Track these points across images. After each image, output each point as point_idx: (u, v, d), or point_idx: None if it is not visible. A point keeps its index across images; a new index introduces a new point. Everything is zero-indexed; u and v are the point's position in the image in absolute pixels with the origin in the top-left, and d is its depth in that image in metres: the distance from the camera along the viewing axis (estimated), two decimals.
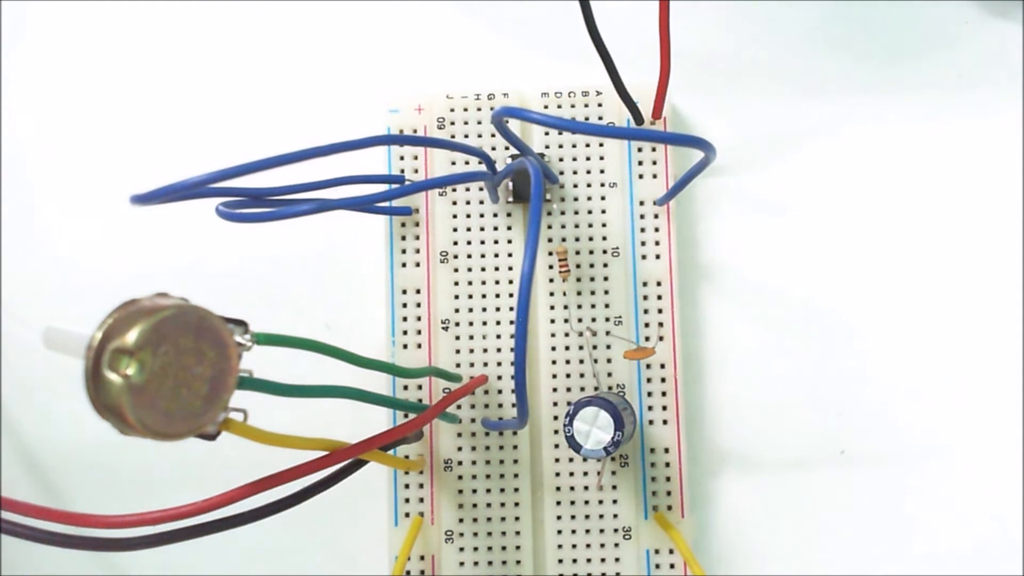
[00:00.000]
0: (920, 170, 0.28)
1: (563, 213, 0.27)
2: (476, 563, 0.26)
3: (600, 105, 0.27)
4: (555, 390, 0.27)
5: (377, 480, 0.26)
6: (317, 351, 0.20)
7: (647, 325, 0.27)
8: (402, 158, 0.28)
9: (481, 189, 0.27)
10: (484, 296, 0.27)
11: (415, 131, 0.28)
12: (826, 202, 0.28)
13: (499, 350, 0.27)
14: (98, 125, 0.30)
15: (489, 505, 0.26)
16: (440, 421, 0.26)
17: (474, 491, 0.26)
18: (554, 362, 0.27)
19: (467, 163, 0.27)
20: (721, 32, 0.29)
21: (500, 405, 0.27)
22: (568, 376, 0.27)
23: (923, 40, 0.28)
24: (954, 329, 0.27)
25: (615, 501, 0.26)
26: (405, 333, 0.27)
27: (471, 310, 0.27)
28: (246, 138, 0.29)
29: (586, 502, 0.26)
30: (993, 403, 0.27)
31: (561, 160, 0.27)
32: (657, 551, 0.26)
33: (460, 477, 0.26)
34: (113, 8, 0.30)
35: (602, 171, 0.27)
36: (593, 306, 0.27)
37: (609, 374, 0.26)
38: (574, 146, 0.27)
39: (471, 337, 0.27)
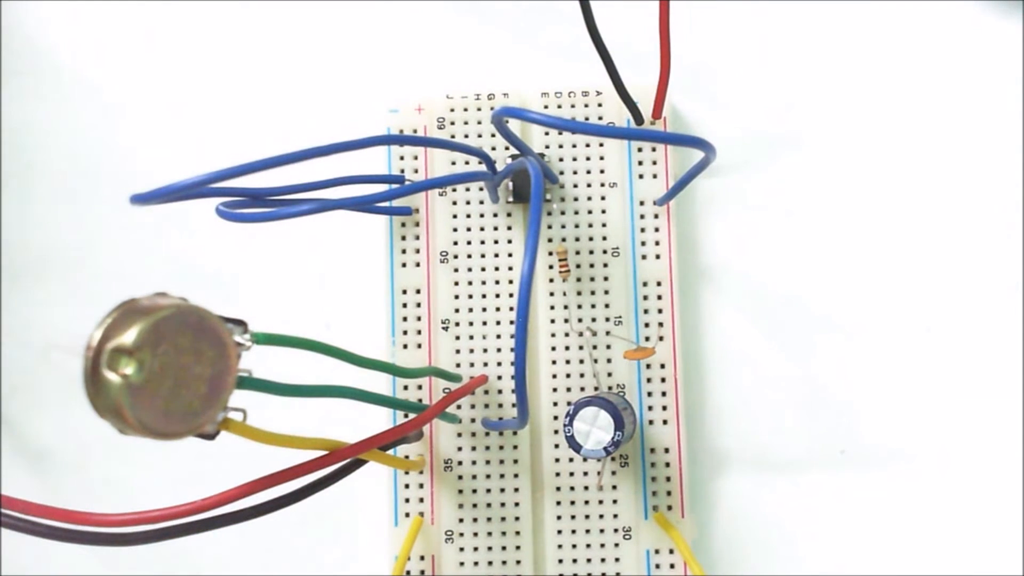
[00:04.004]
0: (920, 170, 0.28)
1: (563, 213, 0.27)
2: (476, 563, 0.26)
3: (600, 105, 0.27)
4: (555, 390, 0.27)
5: (377, 480, 0.26)
6: (317, 351, 0.20)
7: (647, 325, 0.27)
8: (402, 158, 0.28)
9: (481, 189, 0.27)
10: (484, 296, 0.27)
11: (415, 131, 0.28)
12: (826, 202, 0.28)
13: (499, 350, 0.27)
14: (99, 124, 0.30)
15: (489, 505, 0.26)
16: (440, 421, 0.26)
17: (474, 491, 0.26)
18: (554, 362, 0.27)
19: (467, 163, 0.27)
20: (721, 32, 0.29)
21: (500, 405, 0.27)
22: (568, 376, 0.27)
23: (923, 40, 0.28)
24: (954, 329, 0.27)
25: (615, 501, 0.26)
26: (405, 333, 0.27)
27: (471, 310, 0.27)
28: (246, 138, 0.29)
29: (586, 502, 0.26)
30: (993, 403, 0.27)
31: (561, 160, 0.27)
32: (657, 551, 0.26)
33: (460, 477, 0.26)
34: (114, 8, 0.30)
35: (602, 171, 0.27)
36: (593, 306, 0.27)
37: (609, 374, 0.26)
38: (574, 146, 0.27)
39: (471, 337, 0.27)
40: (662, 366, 0.26)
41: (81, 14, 0.30)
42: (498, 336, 0.27)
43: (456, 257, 0.27)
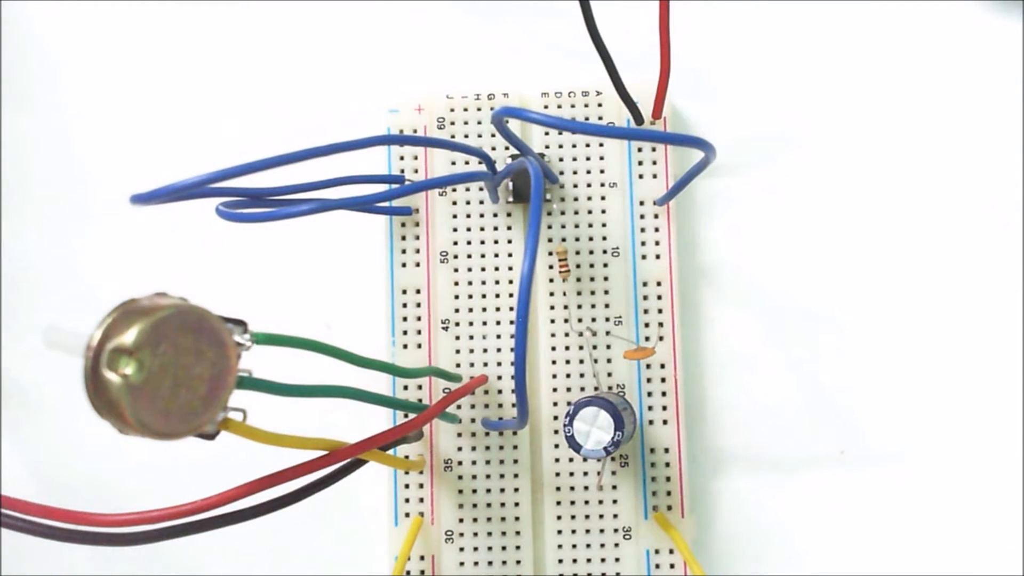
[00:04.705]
0: (920, 170, 0.28)
1: (563, 213, 0.27)
2: (476, 563, 0.26)
3: (600, 105, 0.27)
4: (555, 390, 0.27)
5: (377, 480, 0.26)
6: (317, 351, 0.20)
7: (647, 325, 0.27)
8: (402, 158, 0.28)
9: (481, 189, 0.27)
10: (484, 296, 0.27)
11: (415, 131, 0.28)
12: (826, 202, 0.28)
13: (499, 350, 0.27)
14: (99, 125, 0.30)
15: (489, 505, 0.26)
16: (440, 421, 0.26)
17: (474, 491, 0.26)
18: (554, 362, 0.27)
19: (467, 163, 0.27)
20: (721, 32, 0.29)
21: (500, 405, 0.27)
22: (568, 376, 0.27)
23: (923, 40, 0.28)
24: (954, 329, 0.27)
25: (615, 501, 0.26)
26: (405, 333, 0.27)
27: (471, 310, 0.27)
28: (246, 138, 0.29)
29: (586, 502, 0.26)
30: (993, 403, 0.27)
31: (561, 160, 0.27)
32: (657, 551, 0.26)
33: (460, 477, 0.26)
34: (114, 8, 0.30)
35: (602, 171, 0.27)
36: (593, 306, 0.27)
37: (609, 374, 0.26)
38: (574, 146, 0.27)
39: (471, 337, 0.27)
40: (662, 366, 0.26)
41: (80, 14, 0.30)
42: (498, 336, 0.27)
43: (456, 257, 0.27)
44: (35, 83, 0.30)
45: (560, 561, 0.26)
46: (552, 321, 0.27)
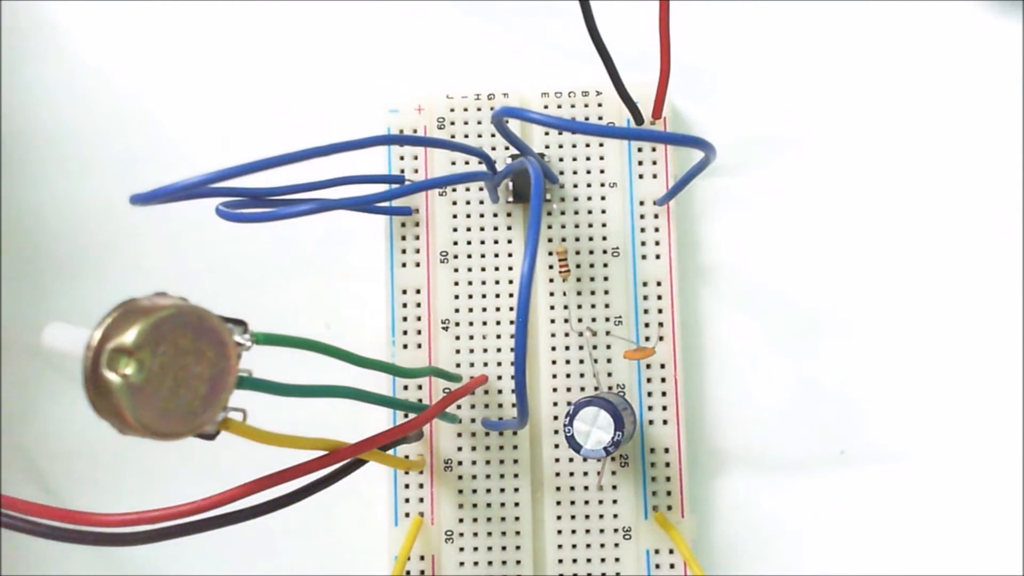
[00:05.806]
0: (920, 170, 0.28)
1: (563, 213, 0.27)
2: (476, 563, 0.26)
3: (600, 105, 0.27)
4: (555, 390, 0.27)
5: (377, 480, 0.26)
6: (317, 351, 0.20)
7: (647, 325, 0.27)
8: (402, 158, 0.28)
9: (481, 189, 0.27)
10: (484, 296, 0.27)
11: (415, 131, 0.28)
12: (826, 202, 0.28)
13: (499, 350, 0.27)
14: (99, 124, 0.30)
15: (489, 505, 0.26)
16: (440, 421, 0.26)
17: (474, 491, 0.26)
18: (554, 362, 0.27)
19: (467, 163, 0.27)
20: (720, 32, 0.29)
21: (500, 405, 0.27)
22: (568, 376, 0.27)
23: (923, 40, 0.28)
24: (954, 329, 0.27)
25: (615, 501, 0.26)
26: (405, 333, 0.27)
27: (471, 310, 0.27)
28: (246, 138, 0.29)
29: (586, 502, 0.26)
30: (993, 403, 0.27)
31: (561, 160, 0.27)
32: (657, 551, 0.26)
33: (460, 477, 0.26)
34: (115, 8, 0.30)
35: (602, 171, 0.27)
36: (593, 306, 0.27)
37: (609, 374, 0.26)
38: (574, 146, 0.27)
39: (471, 337, 0.27)
40: (662, 366, 0.26)
41: (81, 14, 0.30)
42: (498, 336, 0.27)
43: (456, 257, 0.27)
44: (35, 82, 0.30)
45: (560, 561, 0.26)
46: (552, 321, 0.27)
